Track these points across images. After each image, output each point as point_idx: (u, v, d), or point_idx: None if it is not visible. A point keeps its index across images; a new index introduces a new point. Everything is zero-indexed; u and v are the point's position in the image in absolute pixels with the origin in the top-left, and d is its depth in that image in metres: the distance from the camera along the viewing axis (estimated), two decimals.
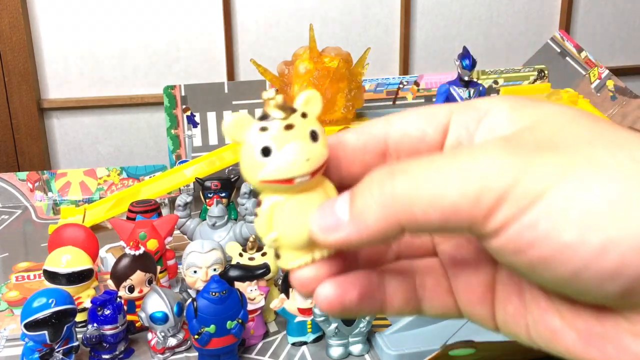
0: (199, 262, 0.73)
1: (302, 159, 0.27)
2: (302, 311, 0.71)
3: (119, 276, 0.71)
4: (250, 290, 0.72)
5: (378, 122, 0.28)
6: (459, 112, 0.27)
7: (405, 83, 1.23)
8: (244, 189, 0.88)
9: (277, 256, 0.29)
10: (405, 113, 0.28)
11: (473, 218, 0.22)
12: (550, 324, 0.25)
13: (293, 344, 0.72)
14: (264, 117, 0.28)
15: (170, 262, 0.82)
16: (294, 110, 0.28)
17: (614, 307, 0.23)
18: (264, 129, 0.27)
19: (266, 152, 0.27)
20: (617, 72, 1.41)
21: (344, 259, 0.28)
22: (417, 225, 0.23)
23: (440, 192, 0.23)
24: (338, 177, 0.28)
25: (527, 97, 0.26)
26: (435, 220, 0.23)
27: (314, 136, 0.27)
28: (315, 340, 0.73)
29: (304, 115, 0.28)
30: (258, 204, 0.28)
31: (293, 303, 0.71)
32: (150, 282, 0.72)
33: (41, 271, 0.75)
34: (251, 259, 0.74)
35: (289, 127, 0.27)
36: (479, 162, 0.22)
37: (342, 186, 0.28)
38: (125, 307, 0.71)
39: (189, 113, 1.19)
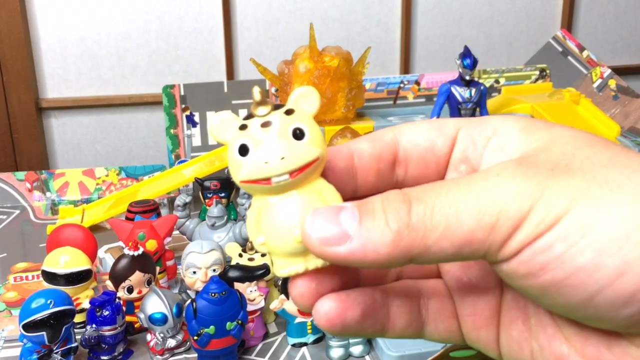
0: (198, 263, 0.72)
1: (276, 157, 0.25)
2: (302, 312, 0.71)
3: (117, 277, 0.71)
4: (250, 291, 0.71)
5: (389, 131, 0.28)
6: (467, 126, 0.27)
7: (406, 82, 1.22)
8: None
9: (271, 262, 0.28)
10: (416, 123, 0.28)
11: (488, 246, 0.22)
12: (556, 350, 0.24)
13: (293, 345, 0.72)
14: (248, 116, 0.27)
15: (170, 263, 0.82)
16: (277, 107, 0.27)
17: (624, 333, 0.22)
18: (243, 127, 0.27)
19: (243, 150, 0.26)
20: (619, 71, 1.40)
21: (345, 272, 0.27)
22: (427, 256, 0.23)
23: (455, 222, 0.22)
24: (353, 187, 0.28)
25: (539, 120, 0.26)
26: (448, 250, 0.22)
27: (297, 134, 0.26)
28: (316, 342, 0.72)
29: (289, 112, 0.27)
30: (249, 207, 0.27)
31: (293, 304, 0.71)
32: (149, 282, 0.71)
33: (39, 272, 0.75)
34: (251, 259, 0.73)
35: (265, 124, 0.26)
36: (494, 189, 0.22)
37: (356, 197, 0.27)
38: (124, 308, 0.71)
39: (188, 112, 1.19)
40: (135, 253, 0.70)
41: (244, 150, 0.26)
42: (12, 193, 1.15)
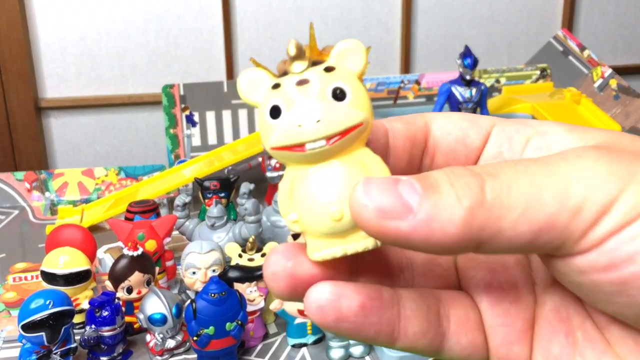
0: (198, 263, 0.72)
1: (311, 120, 0.22)
2: (302, 312, 0.71)
3: (117, 277, 0.71)
4: (250, 291, 0.71)
5: (419, 116, 0.26)
6: (502, 124, 0.25)
7: (406, 82, 1.22)
8: (243, 189, 0.88)
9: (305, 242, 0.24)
10: (447, 113, 0.26)
11: (570, 233, 0.20)
12: None
13: (293, 346, 0.72)
14: (283, 73, 0.24)
15: (169, 263, 0.82)
16: (316, 64, 0.24)
17: None
18: (276, 86, 0.24)
19: (275, 112, 0.23)
20: (620, 71, 1.40)
21: (354, 265, 0.24)
22: (498, 242, 0.20)
23: (536, 203, 0.20)
24: None
25: (581, 125, 0.24)
26: (524, 236, 0.20)
27: (337, 94, 0.23)
28: (316, 342, 0.72)
29: (329, 69, 0.23)
30: (281, 178, 0.24)
31: (293, 304, 0.71)
32: (148, 283, 0.71)
33: (39, 272, 0.75)
34: (251, 259, 0.73)
35: (302, 82, 0.23)
36: (578, 170, 0.20)
37: None
38: (123, 309, 0.71)
39: (187, 112, 1.19)
40: (135, 253, 0.70)
41: (275, 111, 0.23)
42: (11, 193, 1.15)
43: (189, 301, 0.66)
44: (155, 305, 0.68)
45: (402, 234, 0.20)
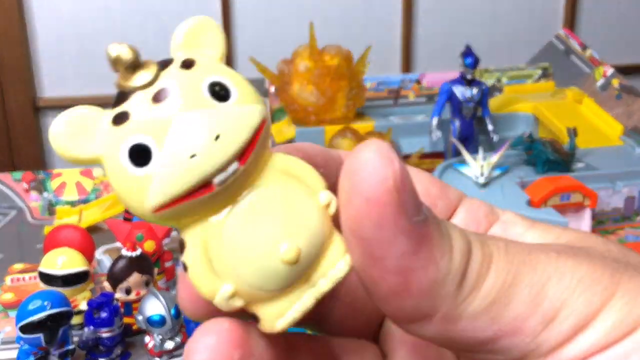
0: None
1: (206, 139, 0.16)
2: None
3: (115, 278, 0.70)
4: None
5: None
6: (471, 203, 0.23)
7: (407, 82, 1.22)
8: None
9: (254, 318, 0.17)
10: (415, 171, 0.23)
11: (537, 345, 0.17)
12: None
13: None
14: (121, 96, 0.17)
15: (168, 264, 0.81)
16: (164, 65, 0.18)
17: None
18: (120, 118, 0.17)
19: (140, 155, 0.16)
20: (623, 70, 1.39)
21: None
22: (455, 327, 0.17)
23: (503, 297, 0.17)
24: None
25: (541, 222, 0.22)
26: (481, 334, 0.17)
27: (218, 92, 0.17)
28: None
29: (187, 64, 0.17)
30: (181, 247, 0.17)
31: None
32: (147, 284, 0.71)
33: (37, 273, 0.74)
34: None
35: (159, 95, 0.16)
36: (557, 270, 0.17)
37: None
38: (122, 310, 0.70)
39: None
40: (133, 254, 0.70)
41: (140, 154, 0.16)
42: (8, 193, 1.14)
43: None
44: (154, 306, 0.67)
45: (396, 227, 0.16)
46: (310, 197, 0.17)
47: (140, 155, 0.16)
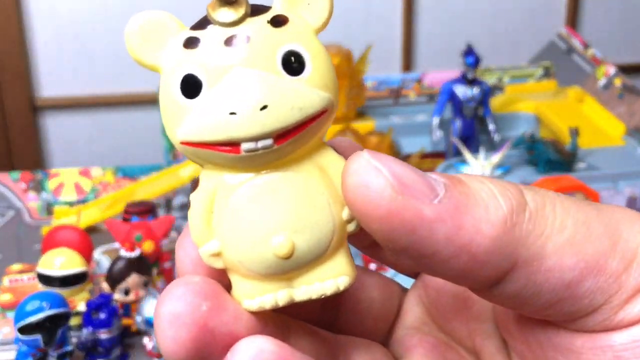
0: None
1: (251, 105, 0.15)
2: None
3: (114, 279, 0.70)
4: None
5: None
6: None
7: (407, 81, 1.21)
8: None
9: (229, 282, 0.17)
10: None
11: (619, 287, 0.16)
12: None
13: None
14: (203, 22, 0.17)
15: (167, 265, 0.81)
16: (258, 11, 0.16)
17: None
18: (192, 42, 0.16)
19: (190, 87, 0.15)
20: (625, 69, 1.39)
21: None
22: (536, 271, 0.16)
23: (586, 233, 0.16)
24: None
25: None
26: (568, 272, 0.16)
27: (292, 63, 0.15)
28: None
29: (277, 21, 0.16)
30: (194, 186, 0.16)
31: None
32: (146, 284, 0.71)
33: (35, 273, 0.74)
34: None
35: (232, 40, 0.15)
36: (626, 216, 0.16)
37: None
38: (120, 311, 0.70)
39: None
40: (132, 255, 0.69)
41: (191, 85, 0.15)
42: (6, 193, 1.14)
43: None
44: (153, 307, 0.67)
45: (424, 221, 0.15)
46: (332, 204, 0.17)
47: (190, 86, 0.15)
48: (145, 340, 0.69)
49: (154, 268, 0.75)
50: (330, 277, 0.17)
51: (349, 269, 0.17)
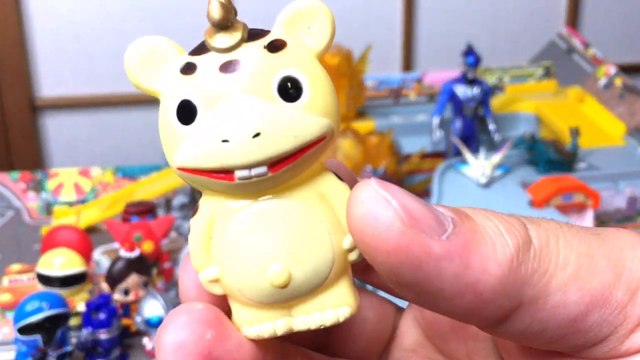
0: None
1: (245, 132, 0.15)
2: None
3: (113, 279, 0.70)
4: None
5: None
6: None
7: (408, 81, 1.21)
8: None
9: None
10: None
11: (624, 318, 0.16)
12: None
13: None
14: (200, 48, 0.17)
15: (167, 265, 0.81)
16: (255, 36, 0.16)
17: None
18: (188, 68, 0.16)
19: (186, 113, 0.16)
20: (626, 69, 1.39)
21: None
22: (541, 308, 0.16)
23: (589, 265, 0.16)
24: None
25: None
26: (573, 307, 0.16)
27: (288, 89, 0.15)
28: None
29: (274, 46, 0.16)
30: (194, 211, 0.17)
31: None
32: (145, 285, 0.70)
33: (34, 273, 0.74)
34: None
35: (229, 66, 0.15)
36: (629, 243, 0.16)
37: None
38: (120, 311, 0.70)
39: None
40: (132, 255, 0.69)
41: (186, 111, 0.16)
42: (6, 194, 1.14)
43: None
44: (153, 307, 0.67)
45: (431, 257, 0.15)
46: (332, 233, 0.16)
47: (186, 111, 0.15)
48: (145, 340, 0.69)
49: (153, 268, 0.75)
50: (331, 307, 0.16)
51: (350, 299, 0.17)
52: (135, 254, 0.70)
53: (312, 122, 0.15)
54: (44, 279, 0.72)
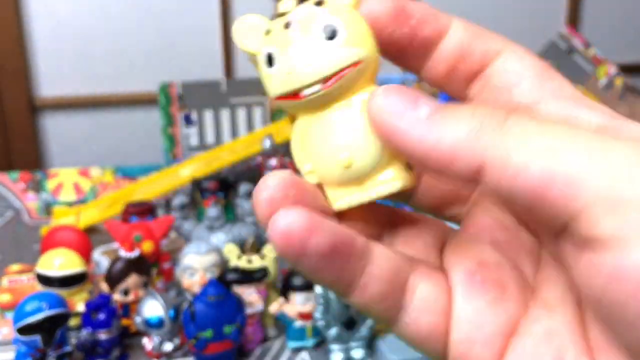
0: (196, 265, 0.71)
1: (302, 64, 0.21)
2: (302, 315, 0.70)
3: (113, 279, 0.70)
4: (249, 294, 0.70)
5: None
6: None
7: (408, 81, 1.21)
8: (242, 189, 0.87)
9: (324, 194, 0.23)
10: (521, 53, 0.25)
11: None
12: None
13: (292, 349, 0.71)
14: (274, 16, 0.23)
15: (166, 265, 0.81)
16: None
17: None
18: (267, 32, 0.23)
19: (270, 60, 0.22)
20: (627, 69, 1.39)
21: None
22: (504, 175, 0.18)
23: (558, 147, 0.17)
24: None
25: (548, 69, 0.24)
26: (535, 173, 0.17)
27: (329, 32, 0.21)
28: (316, 346, 0.71)
29: (318, 3, 0.22)
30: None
31: (292, 307, 0.70)
32: (145, 285, 0.70)
33: (34, 274, 0.74)
34: (249, 261, 0.72)
35: (288, 25, 0.22)
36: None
37: None
38: (119, 311, 0.70)
39: (185, 111, 1.18)
40: (131, 255, 0.70)
41: (270, 59, 0.22)
42: (5, 194, 1.14)
43: (186, 304, 0.65)
44: (152, 308, 0.67)
45: (412, 142, 0.19)
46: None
47: (269, 60, 0.22)
48: (145, 340, 0.69)
49: (153, 268, 0.75)
50: (386, 182, 0.22)
51: (400, 175, 0.22)
52: (134, 254, 0.70)
53: (347, 51, 0.21)
54: (44, 279, 0.72)
